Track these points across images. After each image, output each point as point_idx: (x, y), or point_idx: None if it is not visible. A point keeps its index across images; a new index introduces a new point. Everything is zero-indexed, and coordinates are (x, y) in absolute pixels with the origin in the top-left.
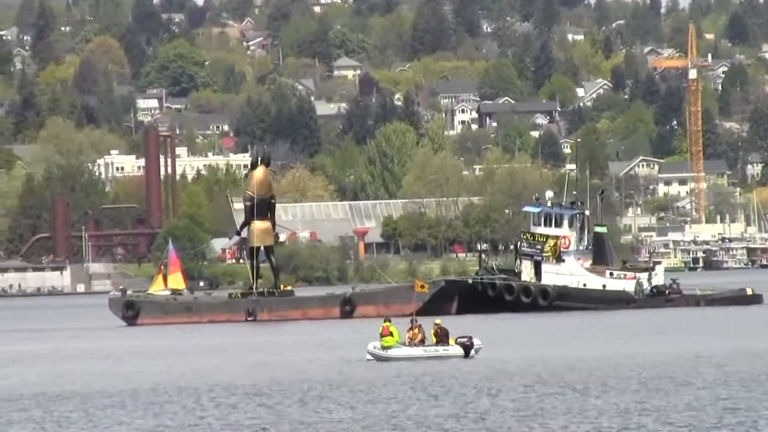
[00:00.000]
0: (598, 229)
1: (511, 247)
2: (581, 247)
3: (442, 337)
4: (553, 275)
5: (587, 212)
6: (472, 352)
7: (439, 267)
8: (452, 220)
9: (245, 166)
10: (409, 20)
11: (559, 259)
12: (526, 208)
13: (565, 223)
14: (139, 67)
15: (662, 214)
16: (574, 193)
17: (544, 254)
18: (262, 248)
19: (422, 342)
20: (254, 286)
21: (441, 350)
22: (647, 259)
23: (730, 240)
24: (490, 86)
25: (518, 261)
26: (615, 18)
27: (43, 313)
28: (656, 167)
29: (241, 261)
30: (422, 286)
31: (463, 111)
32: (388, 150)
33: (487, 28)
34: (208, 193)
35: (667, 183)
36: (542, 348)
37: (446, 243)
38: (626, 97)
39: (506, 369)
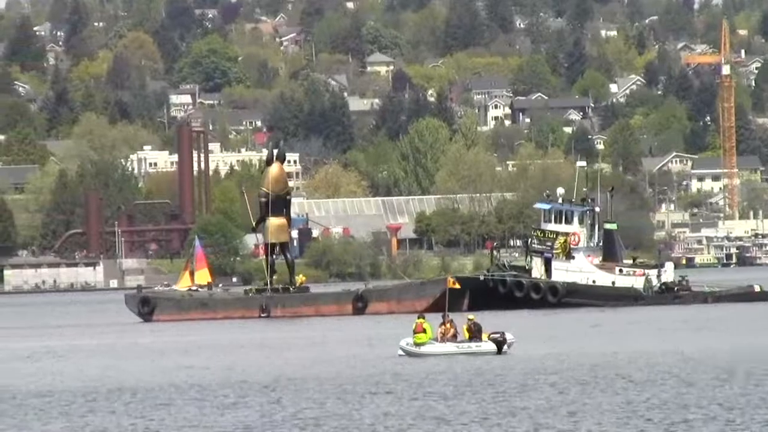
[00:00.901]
0: (608, 226)
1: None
2: (591, 244)
3: (475, 332)
4: (563, 272)
5: (598, 209)
6: (505, 347)
7: (472, 263)
8: (485, 216)
9: None
10: (442, 16)
11: (569, 255)
12: (537, 205)
13: (575, 220)
14: (173, 62)
15: (695, 210)
16: (585, 190)
17: (555, 251)
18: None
19: (454, 338)
20: (269, 282)
21: (474, 346)
22: (680, 256)
23: (764, 236)
24: (523, 82)
25: (529, 258)
26: (648, 14)
27: (58, 309)
28: (689, 163)
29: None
30: (454, 283)
31: (496, 107)
32: (421, 146)
33: (520, 24)
34: (240, 188)
35: (701, 179)
36: (572, 343)
37: (479, 239)
38: (659, 93)
39: (553, 365)
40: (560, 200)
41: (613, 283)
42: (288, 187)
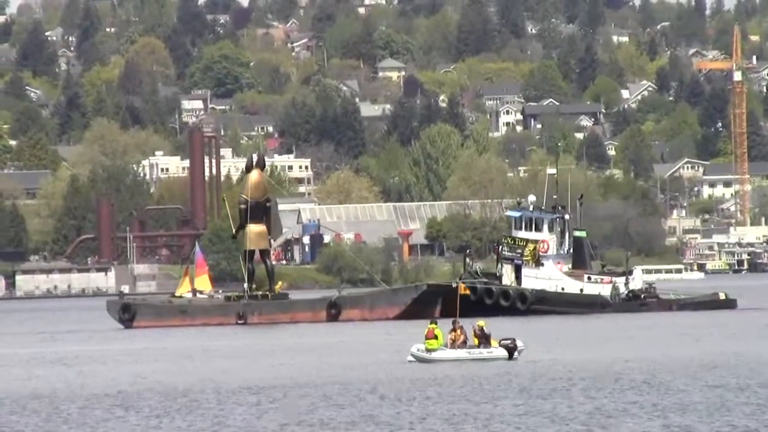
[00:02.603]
0: (578, 234)
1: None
2: (562, 252)
3: (483, 338)
4: (533, 279)
5: (567, 216)
6: (516, 353)
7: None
8: (496, 221)
9: (290, 167)
10: (454, 21)
11: (538, 263)
12: (508, 213)
13: (545, 227)
14: (184, 68)
15: (707, 216)
16: (555, 197)
17: (524, 258)
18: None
19: (464, 344)
20: (247, 289)
21: (485, 352)
22: (692, 261)
23: None
24: (535, 88)
25: (499, 265)
26: (660, 19)
27: (46, 315)
28: (701, 169)
29: (283, 262)
30: (465, 289)
31: (507, 113)
32: (432, 152)
33: (531, 30)
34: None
35: (712, 185)
36: (578, 350)
37: (491, 245)
38: (671, 98)
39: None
40: (531, 208)
41: (581, 290)
42: (268, 194)
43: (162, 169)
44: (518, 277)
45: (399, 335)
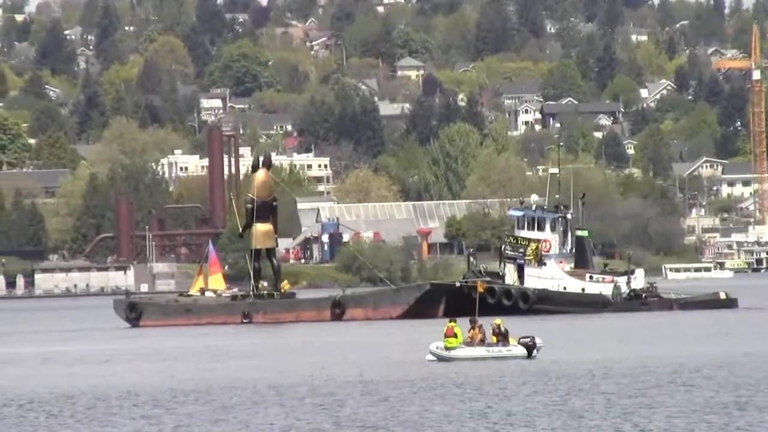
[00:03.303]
0: (580, 233)
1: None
2: (564, 251)
3: (501, 337)
4: (535, 278)
5: (570, 216)
6: (534, 351)
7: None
8: None
9: (309, 166)
10: (473, 20)
11: (540, 262)
12: (511, 212)
13: (547, 227)
14: (203, 66)
15: (726, 215)
16: (557, 197)
17: (527, 258)
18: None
19: (482, 342)
20: (254, 288)
21: (504, 350)
22: (711, 260)
23: None
24: (554, 87)
25: (502, 264)
26: (679, 18)
27: (54, 314)
28: (720, 168)
29: (302, 261)
30: (483, 287)
31: (526, 111)
32: (451, 150)
33: (550, 29)
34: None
35: (731, 184)
36: (593, 349)
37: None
38: (690, 97)
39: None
40: (534, 207)
41: (583, 289)
42: (274, 194)
43: (181, 168)
44: (521, 277)
45: (415, 334)
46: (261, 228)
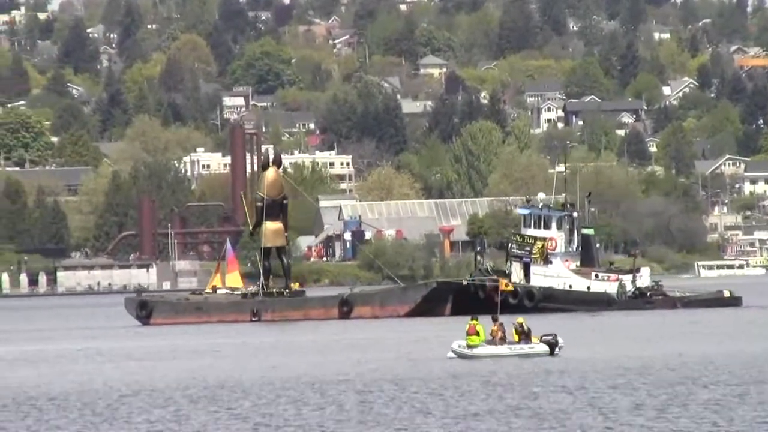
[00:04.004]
0: (586, 231)
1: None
2: (570, 249)
3: (523, 335)
4: (541, 277)
5: (576, 214)
6: (556, 349)
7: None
8: None
9: (331, 164)
10: (496, 18)
11: (546, 260)
12: (517, 210)
13: (553, 225)
14: (226, 64)
15: (748, 213)
16: (564, 195)
17: (533, 256)
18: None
19: (503, 340)
20: (265, 286)
21: (527, 348)
22: (734, 258)
23: None
24: (576, 85)
25: (509, 262)
26: (701, 16)
27: (65, 312)
28: (742, 166)
29: (325, 259)
30: (507, 285)
31: (549, 109)
32: (474, 148)
33: (573, 27)
34: (293, 191)
35: (753, 182)
36: (613, 347)
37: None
38: (712, 95)
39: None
40: (540, 205)
41: (588, 288)
42: (284, 192)
43: (203, 166)
44: (527, 275)
45: (424, 332)
46: (271, 226)
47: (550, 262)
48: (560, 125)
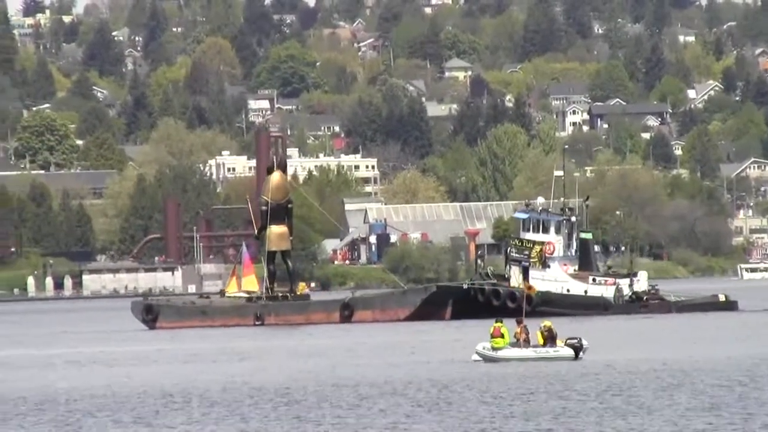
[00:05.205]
0: (584, 236)
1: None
2: (569, 253)
3: (548, 338)
4: (539, 281)
5: (574, 219)
6: (581, 353)
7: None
8: None
9: (356, 167)
10: (520, 21)
11: (544, 264)
12: (516, 215)
13: (552, 229)
14: (251, 68)
15: None
16: (562, 199)
17: (531, 260)
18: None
19: (527, 342)
20: (269, 290)
21: (552, 351)
22: (759, 260)
23: None
24: (601, 88)
25: (508, 266)
26: (726, 19)
27: (76, 315)
28: (767, 169)
29: (346, 262)
30: (530, 288)
31: (574, 112)
32: (499, 151)
33: (598, 30)
34: (319, 194)
35: None
36: (633, 350)
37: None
38: (737, 98)
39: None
40: (539, 209)
41: (586, 292)
42: (289, 196)
43: (228, 169)
44: (526, 279)
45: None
46: (276, 230)
47: (549, 266)
48: (585, 128)
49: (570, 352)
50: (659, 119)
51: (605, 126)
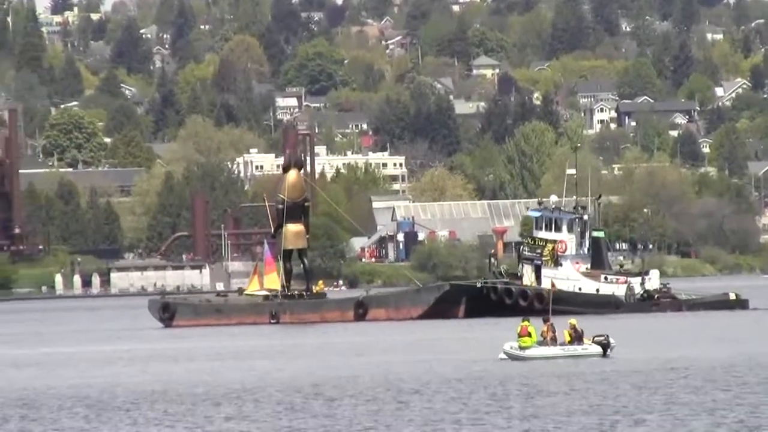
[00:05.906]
0: (596, 234)
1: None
2: (581, 252)
3: (575, 337)
4: (551, 279)
5: (586, 217)
6: (609, 350)
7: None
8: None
9: (384, 165)
10: (548, 19)
11: (556, 263)
12: (528, 213)
13: (564, 227)
14: (279, 65)
15: None
16: (574, 197)
17: (544, 258)
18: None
19: (554, 341)
20: (286, 288)
21: (580, 349)
22: None
23: None
24: (629, 85)
25: (520, 265)
26: (754, 17)
27: (88, 314)
28: None
29: (373, 260)
30: (553, 285)
31: (601, 110)
32: (527, 149)
33: (626, 27)
34: (347, 191)
35: None
36: (656, 348)
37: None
38: (765, 96)
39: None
40: (552, 208)
41: (598, 290)
42: (305, 194)
43: (256, 167)
44: (538, 277)
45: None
46: (292, 229)
47: (561, 265)
48: (613, 126)
49: (598, 349)
50: (687, 117)
51: (633, 124)
